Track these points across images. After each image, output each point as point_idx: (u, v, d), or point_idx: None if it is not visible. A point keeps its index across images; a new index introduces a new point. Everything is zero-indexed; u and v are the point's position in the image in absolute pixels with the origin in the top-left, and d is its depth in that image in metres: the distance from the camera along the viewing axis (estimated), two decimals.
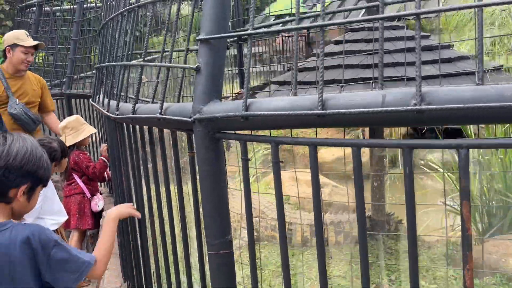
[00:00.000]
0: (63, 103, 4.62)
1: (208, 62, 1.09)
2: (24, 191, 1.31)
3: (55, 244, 1.31)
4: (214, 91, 1.10)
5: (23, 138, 1.33)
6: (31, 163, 1.30)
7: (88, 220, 3.61)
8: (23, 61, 3.32)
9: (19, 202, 1.33)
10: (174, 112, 1.18)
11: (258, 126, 1.01)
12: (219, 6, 1.09)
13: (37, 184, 1.35)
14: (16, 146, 1.28)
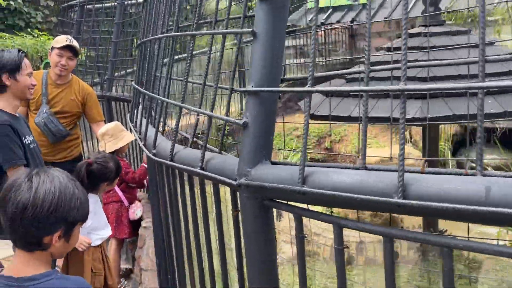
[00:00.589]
0: (103, 105, 4.60)
1: (258, 117, 0.93)
2: (59, 236, 1.21)
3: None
4: (263, 150, 0.94)
5: (51, 178, 1.20)
6: (60, 208, 1.17)
7: (125, 229, 3.57)
8: (56, 64, 3.26)
9: (56, 247, 1.23)
10: (217, 168, 1.03)
11: (316, 202, 0.84)
12: (270, 54, 0.92)
13: (72, 226, 1.24)
14: (42, 191, 1.16)
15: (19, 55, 2.47)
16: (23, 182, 1.17)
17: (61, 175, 1.22)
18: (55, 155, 3.42)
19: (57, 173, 1.22)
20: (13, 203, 1.15)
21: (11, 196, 1.16)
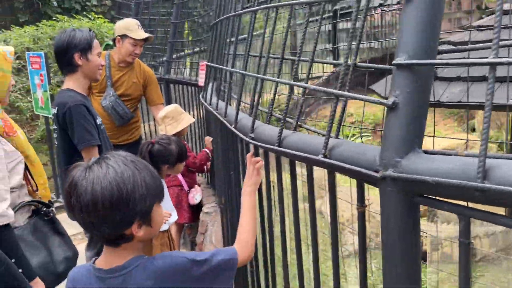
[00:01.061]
0: (162, 88, 4.55)
1: (411, 97, 0.76)
2: (139, 225, 1.11)
3: (192, 264, 1.15)
4: (416, 137, 0.78)
5: (105, 171, 1.06)
6: (123, 203, 1.05)
7: (185, 214, 3.52)
8: (130, 53, 3.24)
9: (141, 235, 1.13)
10: (347, 157, 0.88)
11: (499, 202, 0.67)
12: (428, 18, 0.75)
13: (148, 212, 1.13)
14: (100, 190, 1.03)
15: (91, 34, 2.41)
16: (79, 181, 1.05)
17: (116, 164, 1.08)
18: (118, 137, 3.41)
19: (113, 161, 1.09)
20: (77, 208, 1.05)
21: (73, 202, 1.05)
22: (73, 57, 2.35)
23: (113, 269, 1.13)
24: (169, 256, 1.17)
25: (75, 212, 1.06)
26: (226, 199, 2.25)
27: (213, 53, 2.36)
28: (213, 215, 3.28)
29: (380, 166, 0.80)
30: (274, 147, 1.08)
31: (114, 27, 3.53)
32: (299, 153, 0.99)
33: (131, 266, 1.13)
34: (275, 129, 1.18)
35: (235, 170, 1.88)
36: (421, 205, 0.79)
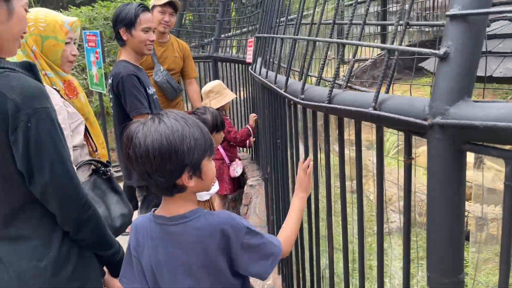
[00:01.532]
0: (209, 65, 4.66)
1: (463, 47, 0.79)
2: (189, 176, 1.19)
3: (247, 231, 1.22)
4: (466, 87, 0.80)
5: (156, 126, 1.15)
6: (173, 155, 1.13)
7: (226, 185, 3.66)
8: (160, 22, 3.31)
9: (193, 186, 1.22)
10: (396, 108, 0.92)
11: None
12: None
13: (198, 164, 1.20)
14: (151, 142, 1.12)
15: (136, 10, 2.51)
16: (134, 134, 1.15)
17: (168, 119, 1.16)
18: None
19: (165, 118, 1.17)
20: (134, 159, 1.15)
21: (131, 153, 1.15)
22: (119, 32, 2.49)
23: (174, 217, 1.23)
24: (229, 215, 1.25)
25: (133, 163, 1.16)
26: (271, 168, 2.32)
27: (263, 26, 2.41)
28: (257, 188, 3.38)
29: (429, 114, 0.83)
30: (324, 104, 1.13)
31: None
32: (349, 107, 1.04)
33: (192, 216, 1.22)
34: (324, 89, 1.23)
35: (282, 138, 1.95)
36: (468, 152, 0.82)
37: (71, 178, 1.27)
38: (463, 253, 0.87)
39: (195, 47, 5.20)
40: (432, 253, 0.88)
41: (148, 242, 1.25)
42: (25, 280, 1.27)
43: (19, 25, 1.26)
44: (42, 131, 1.18)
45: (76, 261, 1.35)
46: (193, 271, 1.21)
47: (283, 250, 1.30)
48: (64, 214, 1.28)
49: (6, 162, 1.19)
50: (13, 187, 1.22)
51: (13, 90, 1.16)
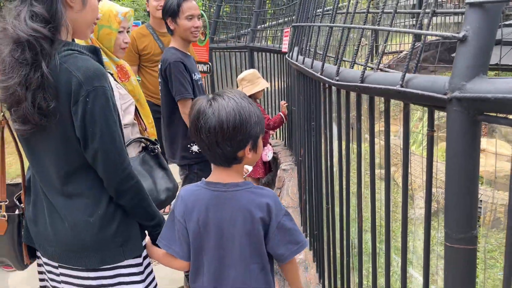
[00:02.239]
0: (246, 55, 4.83)
1: (480, 31, 0.92)
2: (250, 148, 1.36)
3: (285, 213, 1.38)
4: (482, 65, 0.93)
5: (227, 100, 1.32)
6: (244, 126, 1.31)
7: (259, 169, 3.88)
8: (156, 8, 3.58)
9: (249, 158, 1.39)
10: (420, 85, 1.05)
11: None
12: None
13: (257, 138, 1.38)
14: (224, 114, 1.30)
15: (178, 0, 2.70)
16: (206, 108, 1.32)
17: (234, 96, 1.34)
18: None
19: (231, 94, 1.35)
20: (205, 130, 1.31)
21: (202, 124, 1.31)
22: (167, 22, 2.70)
23: (229, 184, 1.39)
24: (274, 194, 1.42)
25: (202, 134, 1.32)
26: (305, 150, 2.47)
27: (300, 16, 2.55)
28: (290, 172, 3.53)
29: (448, 90, 0.96)
30: (357, 84, 1.27)
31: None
32: (379, 86, 1.17)
33: (244, 186, 1.40)
34: (357, 71, 1.37)
35: (316, 120, 2.09)
36: (482, 121, 0.94)
37: (116, 149, 1.43)
38: (476, 211, 1.00)
39: (232, 38, 5.37)
40: (449, 211, 1.02)
41: (199, 206, 1.40)
42: (78, 231, 1.46)
43: (92, 13, 1.46)
44: (97, 105, 1.36)
45: (119, 220, 1.51)
46: (237, 236, 1.37)
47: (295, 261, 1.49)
48: (106, 178, 1.44)
49: (68, 129, 1.39)
50: (72, 150, 1.41)
51: (78, 69, 1.36)
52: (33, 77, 1.31)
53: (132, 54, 3.60)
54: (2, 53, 1.35)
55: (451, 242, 1.03)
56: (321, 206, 2.16)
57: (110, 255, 1.50)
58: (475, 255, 1.03)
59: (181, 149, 2.79)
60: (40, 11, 1.33)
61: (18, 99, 1.34)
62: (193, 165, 2.81)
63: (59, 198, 1.48)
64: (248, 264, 1.38)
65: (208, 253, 1.40)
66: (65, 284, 1.55)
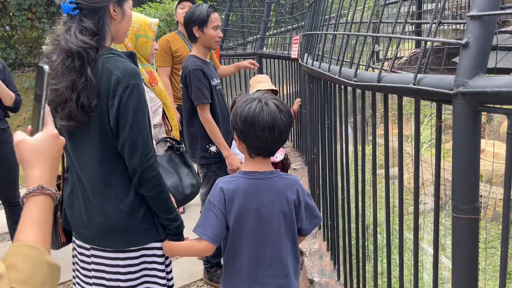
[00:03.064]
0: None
1: (479, 38, 1.13)
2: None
3: (307, 194, 1.62)
4: (480, 66, 1.14)
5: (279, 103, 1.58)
6: (288, 127, 1.61)
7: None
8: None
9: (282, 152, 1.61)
10: (431, 83, 1.27)
11: None
12: None
13: None
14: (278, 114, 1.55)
15: (208, 11, 2.93)
16: (259, 115, 1.52)
17: (279, 102, 1.58)
18: None
19: (276, 102, 1.57)
20: (260, 128, 1.52)
21: (257, 123, 1.52)
22: (193, 30, 2.92)
23: (265, 173, 1.61)
24: (298, 179, 1.67)
25: (256, 131, 1.52)
26: (318, 148, 2.69)
27: (312, 25, 2.77)
28: (300, 171, 3.74)
29: (454, 86, 1.17)
30: (374, 83, 1.49)
31: None
32: (394, 84, 1.39)
33: (277, 173, 1.63)
34: (373, 73, 1.58)
35: (331, 119, 2.31)
36: (481, 111, 1.16)
37: (143, 139, 1.61)
38: (478, 186, 1.21)
39: (240, 45, 5.60)
40: (455, 186, 1.23)
41: (238, 193, 1.58)
42: (109, 216, 1.66)
43: (128, 22, 1.70)
44: (131, 99, 1.57)
45: (146, 208, 1.69)
46: (275, 218, 1.58)
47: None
48: (131, 165, 1.62)
49: (105, 122, 1.59)
50: (107, 141, 1.61)
51: (118, 68, 1.58)
52: (79, 81, 1.53)
53: (167, 55, 3.85)
54: (54, 62, 1.57)
55: (457, 213, 1.23)
56: (336, 198, 2.37)
57: (137, 238, 1.70)
58: (477, 224, 1.23)
59: (200, 150, 3.00)
60: (89, 26, 1.56)
61: (64, 99, 1.55)
62: (211, 164, 3.02)
63: (94, 186, 1.67)
64: (283, 240, 1.59)
65: (247, 235, 1.59)
66: (95, 265, 1.74)
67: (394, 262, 1.74)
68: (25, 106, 8.64)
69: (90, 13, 1.57)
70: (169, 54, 3.90)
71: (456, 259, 1.26)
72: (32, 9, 9.26)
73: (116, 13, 1.63)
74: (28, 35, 9.55)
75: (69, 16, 1.58)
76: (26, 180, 0.96)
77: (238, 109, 1.56)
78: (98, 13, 1.58)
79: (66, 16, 1.59)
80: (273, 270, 1.60)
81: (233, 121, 1.59)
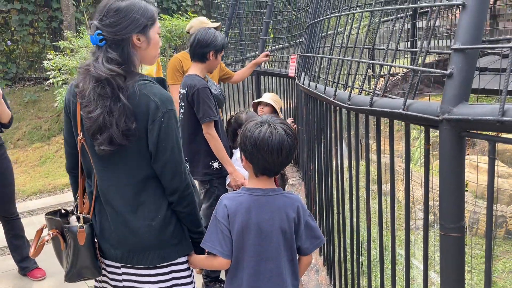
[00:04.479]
0: (253, 79, 5.16)
1: (462, 69, 1.23)
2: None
3: (309, 214, 1.69)
4: (464, 94, 1.24)
5: (287, 128, 1.69)
6: (294, 151, 1.74)
7: None
8: None
9: (277, 176, 1.70)
10: (418, 109, 1.36)
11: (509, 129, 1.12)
12: (476, 19, 1.21)
13: None
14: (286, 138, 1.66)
15: (225, 40, 3.07)
16: (271, 135, 1.62)
17: (286, 126, 1.68)
18: None
19: (284, 126, 1.67)
20: (268, 150, 1.61)
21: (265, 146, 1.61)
22: (209, 53, 3.02)
23: (268, 190, 1.69)
24: (300, 197, 1.76)
25: (264, 153, 1.61)
26: (315, 165, 2.77)
27: (309, 46, 2.88)
28: (297, 186, 3.82)
29: (440, 112, 1.26)
30: (367, 107, 1.58)
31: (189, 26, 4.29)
32: (385, 109, 1.48)
33: (280, 191, 1.71)
34: (366, 97, 1.68)
35: (327, 138, 2.39)
36: (465, 137, 1.24)
37: (182, 161, 1.73)
38: (463, 206, 1.29)
39: (238, 62, 5.72)
40: (443, 206, 1.31)
41: (241, 209, 1.66)
42: (141, 234, 1.73)
43: (155, 48, 1.76)
44: (170, 125, 1.67)
45: (175, 224, 1.78)
46: (275, 234, 1.65)
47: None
48: (173, 185, 1.71)
49: (143, 144, 1.68)
50: (144, 162, 1.70)
51: (155, 95, 1.67)
52: (114, 107, 1.60)
53: (178, 73, 3.96)
54: (85, 90, 1.63)
55: (445, 231, 1.32)
56: (332, 214, 2.44)
57: (168, 253, 1.77)
58: (463, 242, 1.31)
59: (202, 167, 3.07)
60: (114, 56, 1.64)
61: (103, 125, 1.61)
62: (213, 180, 3.10)
63: (126, 205, 1.73)
64: (282, 257, 1.66)
65: (249, 249, 1.66)
66: (127, 282, 1.81)
67: (387, 277, 1.81)
68: (25, 120, 8.73)
69: (113, 45, 1.64)
70: (181, 72, 3.99)
71: (444, 274, 1.33)
72: (34, 24, 9.40)
73: (141, 42, 1.68)
74: (29, 49, 9.67)
75: (97, 47, 1.65)
76: None
77: (248, 132, 1.65)
78: (121, 44, 1.64)
79: (95, 46, 1.67)
80: (273, 284, 1.67)
81: (242, 143, 1.67)
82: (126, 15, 1.63)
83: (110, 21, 1.62)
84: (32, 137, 8.25)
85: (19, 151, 7.89)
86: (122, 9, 1.63)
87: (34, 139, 8.22)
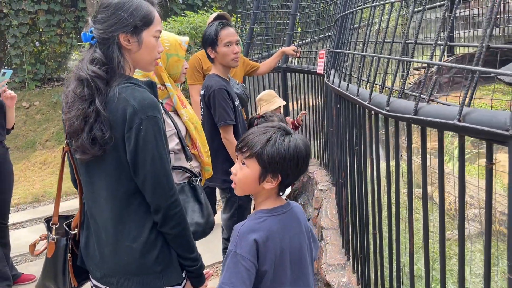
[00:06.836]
0: (279, 76, 4.91)
1: None
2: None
3: (310, 229, 1.59)
4: None
5: (302, 138, 1.50)
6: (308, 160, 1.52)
7: None
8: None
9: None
10: (480, 121, 1.08)
11: None
12: None
13: None
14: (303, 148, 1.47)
15: (215, 28, 2.80)
16: (278, 138, 1.43)
17: (302, 137, 1.49)
18: None
19: (301, 137, 1.48)
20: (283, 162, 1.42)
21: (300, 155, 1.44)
22: (207, 51, 2.80)
23: (285, 205, 1.52)
24: (302, 210, 1.60)
25: (300, 161, 1.44)
26: (347, 173, 2.50)
27: (339, 41, 2.60)
28: (327, 192, 3.54)
29: (510, 126, 0.99)
30: (411, 116, 1.31)
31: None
32: (434, 119, 1.20)
33: (289, 207, 1.52)
34: (409, 102, 1.40)
35: (360, 145, 2.12)
36: None
37: (166, 174, 1.49)
38: None
39: (264, 58, 5.47)
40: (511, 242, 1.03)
41: (272, 236, 1.42)
42: (120, 256, 1.53)
43: (150, 52, 1.58)
44: (149, 133, 1.45)
45: (160, 248, 1.55)
46: (303, 245, 1.51)
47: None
48: (155, 202, 1.49)
49: (121, 155, 1.47)
50: (124, 175, 1.49)
51: (135, 99, 1.46)
52: (89, 110, 1.44)
53: (198, 73, 3.78)
54: (68, 91, 1.52)
55: None
56: (367, 230, 2.17)
57: (151, 280, 1.55)
58: None
59: (222, 173, 2.85)
60: (99, 56, 1.50)
61: (76, 130, 1.47)
62: None
63: (107, 222, 1.55)
64: (310, 269, 1.55)
65: (285, 271, 1.47)
66: None
67: None
68: (53, 120, 8.78)
69: (100, 44, 1.53)
70: (200, 72, 3.80)
71: None
72: (61, 25, 9.44)
73: (130, 43, 1.54)
74: (57, 50, 9.73)
75: (89, 45, 1.56)
76: None
77: (279, 147, 1.42)
78: (107, 43, 1.52)
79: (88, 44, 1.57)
80: None
81: (273, 160, 1.41)
82: (114, 12, 1.50)
83: (100, 18, 1.52)
84: (60, 138, 8.27)
85: (48, 152, 7.92)
86: (111, 6, 1.51)
87: (62, 140, 8.24)
